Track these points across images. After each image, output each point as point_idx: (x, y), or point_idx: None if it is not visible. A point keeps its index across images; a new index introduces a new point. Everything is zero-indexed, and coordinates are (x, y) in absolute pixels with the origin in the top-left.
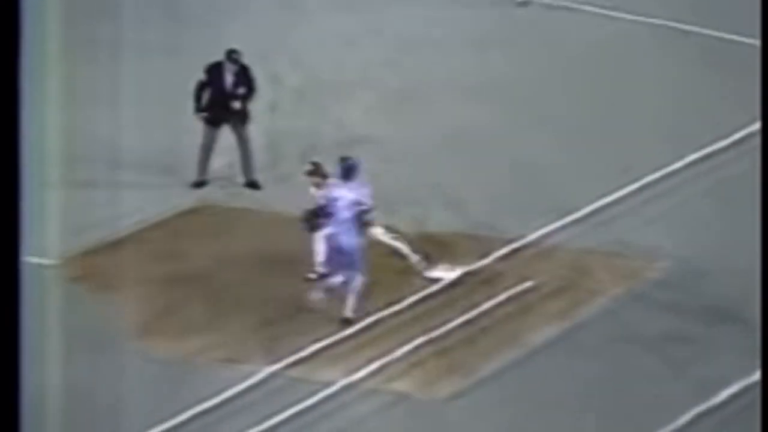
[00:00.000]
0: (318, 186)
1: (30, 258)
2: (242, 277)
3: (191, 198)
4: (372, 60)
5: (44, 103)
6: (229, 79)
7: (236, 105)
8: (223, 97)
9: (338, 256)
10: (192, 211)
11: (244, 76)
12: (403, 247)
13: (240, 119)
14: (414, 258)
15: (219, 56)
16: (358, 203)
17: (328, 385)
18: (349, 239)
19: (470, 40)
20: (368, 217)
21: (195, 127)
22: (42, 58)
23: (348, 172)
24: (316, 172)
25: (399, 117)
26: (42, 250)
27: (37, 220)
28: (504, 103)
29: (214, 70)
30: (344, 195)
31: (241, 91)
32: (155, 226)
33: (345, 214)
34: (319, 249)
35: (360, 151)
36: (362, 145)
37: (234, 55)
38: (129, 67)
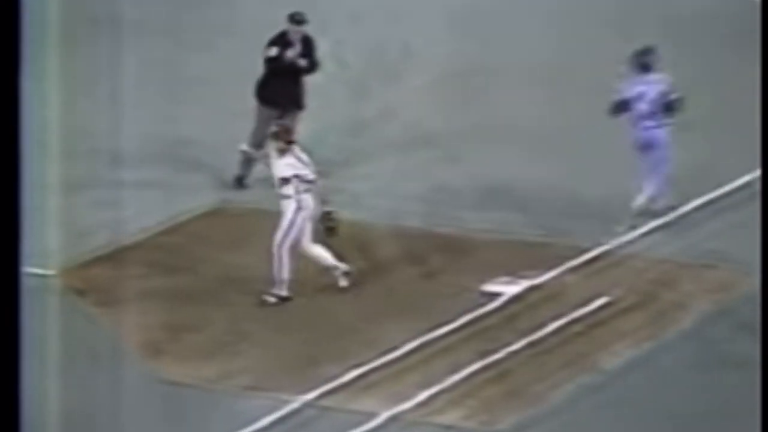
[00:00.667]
0: (282, 152)
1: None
2: (269, 291)
3: (210, 199)
4: (420, 37)
5: (43, 94)
6: (295, 48)
7: (301, 62)
8: (286, 69)
9: (644, 154)
10: (211, 214)
11: (307, 46)
12: (326, 256)
13: (295, 102)
14: (339, 269)
15: (238, 37)
16: (662, 95)
17: (369, 417)
18: (653, 134)
19: (539, 13)
20: (675, 103)
21: (211, 117)
22: (41, 37)
23: (646, 64)
24: (281, 136)
25: (453, 105)
26: (39, 259)
27: (33, 224)
28: (579, 90)
29: (279, 41)
30: (644, 89)
31: (303, 63)
32: (168, 231)
33: (646, 108)
34: (285, 261)
35: (408, 144)
36: (411, 136)
37: (298, 17)
38: (133, 52)
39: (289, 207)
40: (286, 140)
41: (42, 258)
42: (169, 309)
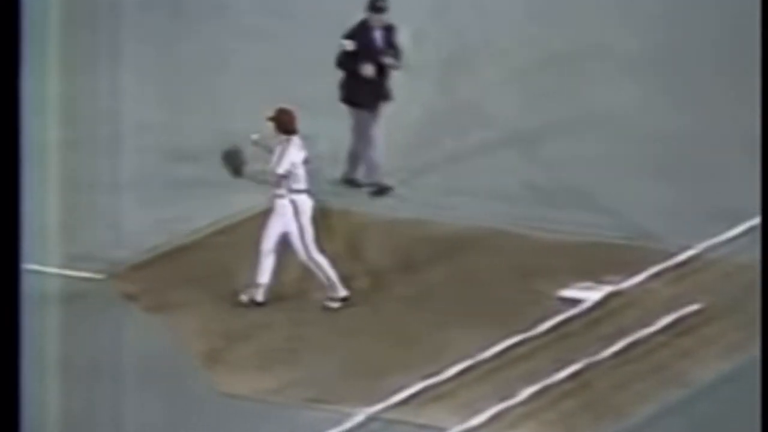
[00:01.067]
0: (279, 141)
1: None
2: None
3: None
4: (500, 27)
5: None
6: (377, 38)
7: (386, 60)
8: (373, 63)
9: None
10: (270, 213)
11: (390, 35)
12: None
13: (383, 96)
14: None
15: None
16: None
17: (438, 431)
18: None
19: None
20: None
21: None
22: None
23: None
24: (279, 122)
25: (536, 98)
26: (84, 261)
27: (72, 224)
28: (667, 81)
29: (360, 32)
30: None
31: (388, 59)
32: (223, 231)
33: None
34: (322, 262)
35: (490, 140)
36: (488, 131)
37: (380, 4)
38: (183, 42)
39: (285, 211)
40: (284, 129)
41: (89, 261)
42: (225, 314)
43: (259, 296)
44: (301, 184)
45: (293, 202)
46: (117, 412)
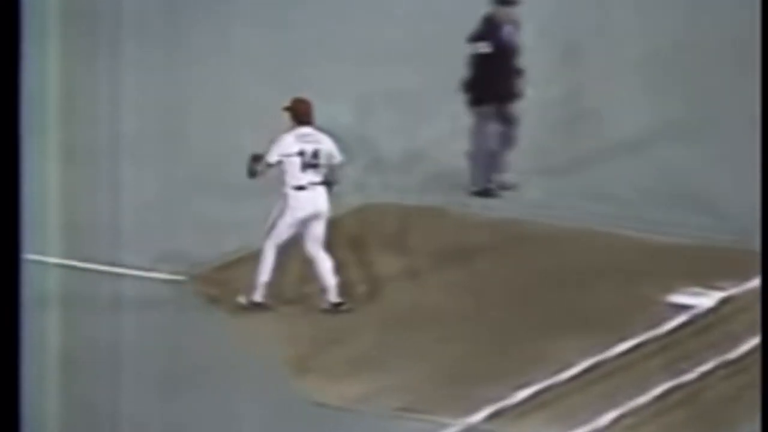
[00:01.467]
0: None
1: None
2: (426, 300)
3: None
4: (616, 20)
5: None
6: (505, 35)
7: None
8: (501, 63)
9: None
10: (357, 212)
11: (516, 31)
12: (324, 266)
13: (515, 93)
14: (329, 283)
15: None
16: None
17: None
18: None
19: None
20: None
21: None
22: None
23: None
24: (295, 112)
25: (645, 94)
26: (169, 264)
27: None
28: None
29: (487, 30)
30: None
31: (517, 54)
32: None
33: None
34: (267, 259)
35: (587, 133)
36: (589, 125)
37: None
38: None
39: (280, 203)
40: (298, 119)
41: (172, 263)
42: (311, 318)
43: (333, 297)
44: (299, 180)
45: (285, 196)
46: (202, 421)
